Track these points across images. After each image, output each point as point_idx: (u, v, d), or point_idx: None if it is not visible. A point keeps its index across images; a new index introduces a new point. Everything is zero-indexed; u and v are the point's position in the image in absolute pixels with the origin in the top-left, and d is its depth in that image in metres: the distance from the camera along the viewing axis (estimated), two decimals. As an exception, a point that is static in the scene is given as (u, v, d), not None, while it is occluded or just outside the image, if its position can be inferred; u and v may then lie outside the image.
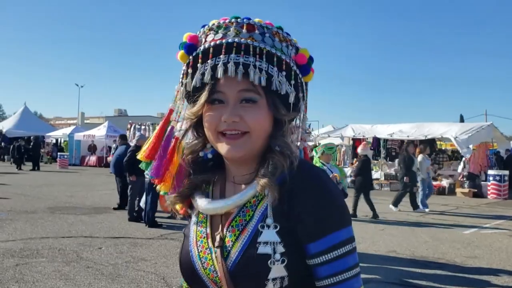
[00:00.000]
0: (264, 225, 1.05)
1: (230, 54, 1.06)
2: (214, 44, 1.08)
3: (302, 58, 1.14)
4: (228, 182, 1.19)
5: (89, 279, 5.52)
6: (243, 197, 1.10)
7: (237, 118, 1.06)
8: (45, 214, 10.15)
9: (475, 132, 17.88)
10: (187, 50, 1.12)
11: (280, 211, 1.06)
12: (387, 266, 6.53)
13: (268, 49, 1.08)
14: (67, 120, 58.20)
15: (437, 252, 7.59)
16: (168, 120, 1.22)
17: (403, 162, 12.54)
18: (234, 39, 1.07)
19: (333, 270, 1.04)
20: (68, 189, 15.61)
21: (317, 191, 1.06)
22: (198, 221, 1.19)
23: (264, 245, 1.03)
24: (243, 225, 1.09)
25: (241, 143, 1.08)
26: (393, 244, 8.02)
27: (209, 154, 1.20)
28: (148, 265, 6.19)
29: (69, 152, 30.72)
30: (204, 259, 1.12)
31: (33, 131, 32.79)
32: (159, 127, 1.24)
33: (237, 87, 1.07)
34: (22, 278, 5.45)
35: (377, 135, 20.46)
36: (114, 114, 67.86)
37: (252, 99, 1.08)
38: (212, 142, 1.14)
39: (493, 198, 16.44)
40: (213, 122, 1.09)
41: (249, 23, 1.10)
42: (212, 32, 1.11)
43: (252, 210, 1.10)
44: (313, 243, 1.04)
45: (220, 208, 1.12)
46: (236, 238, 1.08)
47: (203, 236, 1.16)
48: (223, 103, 1.09)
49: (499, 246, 8.25)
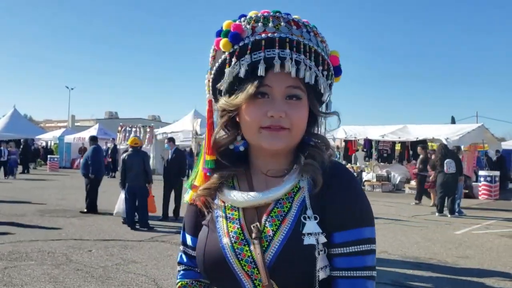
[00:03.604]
0: (306, 217, 1.07)
1: (284, 49, 1.06)
2: (266, 36, 1.07)
3: (335, 60, 1.18)
4: (256, 175, 1.18)
5: (79, 281, 5.46)
6: (284, 189, 1.11)
7: (283, 114, 1.07)
8: (34, 217, 10.05)
9: (466, 133, 18.00)
10: (232, 38, 1.09)
11: (316, 203, 1.08)
12: (379, 267, 6.53)
13: (316, 48, 1.10)
14: (57, 122, 57.91)
15: (429, 252, 7.61)
16: (211, 110, 1.21)
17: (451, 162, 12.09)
18: (287, 35, 1.07)
19: (351, 264, 1.06)
20: (58, 191, 15.48)
21: (349, 186, 1.11)
22: (227, 214, 1.16)
23: (308, 236, 1.05)
24: (282, 216, 1.09)
25: (282, 136, 1.08)
26: (384, 245, 8.02)
27: (241, 147, 1.18)
28: (138, 268, 6.13)
29: (59, 155, 30.50)
30: (240, 250, 1.09)
31: (22, 134, 32.49)
32: (208, 123, 1.21)
33: (285, 82, 1.08)
34: (10, 281, 5.37)
35: (368, 137, 20.51)
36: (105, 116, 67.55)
37: (298, 95, 1.09)
38: (250, 136, 1.13)
39: (484, 198, 16.54)
40: (257, 117, 1.08)
41: (293, 19, 1.11)
42: (259, 24, 1.09)
43: (289, 202, 1.11)
44: (338, 233, 1.07)
45: (259, 200, 1.11)
46: (277, 229, 1.08)
47: (237, 226, 1.12)
48: (266, 97, 1.08)
49: (490, 246, 8.30)
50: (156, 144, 23.43)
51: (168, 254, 6.93)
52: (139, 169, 9.26)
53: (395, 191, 19.03)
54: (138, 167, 9.26)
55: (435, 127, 20.01)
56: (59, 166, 28.58)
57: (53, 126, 53.68)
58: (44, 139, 35.31)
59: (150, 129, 24.25)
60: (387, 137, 19.80)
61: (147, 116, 72.14)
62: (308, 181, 1.10)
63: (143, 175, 9.30)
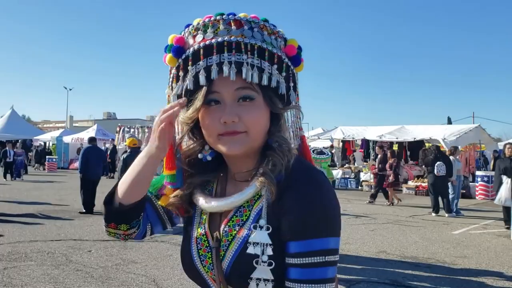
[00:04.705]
0: (257, 226, 1.05)
1: (222, 54, 1.04)
2: (204, 44, 1.05)
3: (292, 49, 1.13)
4: (229, 179, 1.19)
5: (79, 282, 5.47)
6: (242, 197, 1.09)
7: (236, 118, 1.04)
8: (33, 217, 10.05)
9: (463, 134, 18.06)
10: (175, 53, 1.09)
11: (272, 211, 1.05)
12: (378, 267, 6.56)
13: (259, 44, 1.06)
14: (55, 123, 57.80)
15: (427, 252, 7.64)
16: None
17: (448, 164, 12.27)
18: (224, 38, 1.04)
19: (305, 276, 1.01)
20: (56, 192, 15.47)
21: (312, 194, 1.04)
22: (200, 219, 1.19)
23: (254, 245, 1.03)
24: (239, 225, 1.09)
25: (239, 140, 1.06)
26: (383, 245, 8.05)
27: (208, 157, 1.17)
28: (138, 268, 6.15)
29: (57, 155, 30.44)
30: (204, 257, 1.13)
31: (20, 134, 32.42)
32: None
33: (233, 86, 1.05)
34: (10, 282, 5.38)
35: (366, 137, 20.55)
36: (103, 117, 67.51)
37: (250, 96, 1.06)
38: (212, 144, 1.12)
39: (481, 199, 16.58)
40: (213, 125, 1.07)
41: (235, 19, 1.08)
42: (199, 32, 1.08)
43: (249, 210, 1.09)
44: (294, 242, 1.02)
45: (218, 207, 1.12)
46: (232, 239, 1.08)
47: (203, 233, 1.15)
48: (219, 103, 1.07)
49: (487, 246, 8.34)
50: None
51: (168, 254, 6.95)
52: None
53: (393, 191, 19.06)
54: None
55: (433, 128, 20.08)
56: (57, 166, 28.50)
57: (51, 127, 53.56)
58: (42, 139, 35.25)
59: (148, 130, 24.19)
60: (384, 137, 19.84)
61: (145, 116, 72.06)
62: (268, 188, 1.06)
63: None
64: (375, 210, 12.94)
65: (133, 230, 1.20)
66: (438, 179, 12.13)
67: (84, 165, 11.34)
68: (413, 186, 18.50)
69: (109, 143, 26.37)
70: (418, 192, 17.98)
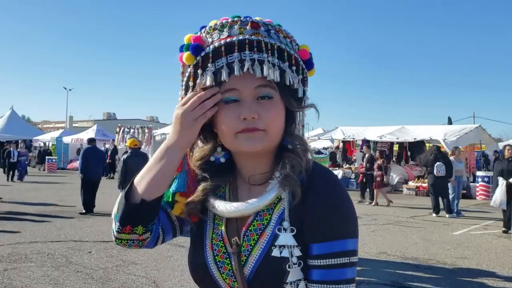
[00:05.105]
0: (281, 228, 1.04)
1: (243, 52, 1.04)
2: (225, 42, 1.06)
3: (305, 54, 1.15)
4: (241, 182, 1.17)
5: (79, 283, 5.46)
6: (264, 201, 1.07)
7: (256, 115, 1.04)
8: (33, 218, 10.03)
9: (464, 134, 18.05)
10: (194, 51, 1.08)
11: (295, 214, 1.05)
12: (378, 268, 6.55)
13: (278, 44, 1.08)
14: (55, 123, 57.79)
15: (428, 253, 7.64)
16: None
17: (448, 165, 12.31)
18: (245, 37, 1.06)
19: (328, 277, 1.02)
20: (56, 193, 15.46)
21: (332, 196, 1.06)
22: (214, 224, 1.16)
23: (281, 248, 1.03)
24: (261, 229, 1.07)
25: (259, 137, 1.05)
26: (383, 246, 8.04)
27: (221, 159, 1.15)
28: (138, 269, 6.14)
29: (57, 156, 30.43)
30: (221, 264, 1.10)
31: (20, 135, 32.41)
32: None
33: (253, 83, 1.05)
34: (10, 283, 5.37)
35: (367, 138, 20.54)
36: (103, 117, 67.50)
37: (269, 95, 1.07)
38: (228, 143, 1.10)
39: (482, 199, 16.56)
40: (231, 122, 1.06)
41: (253, 21, 1.09)
42: (216, 31, 1.09)
43: (269, 214, 1.08)
44: (317, 244, 1.03)
45: (239, 212, 1.09)
46: (255, 243, 1.07)
47: (219, 239, 1.12)
48: (237, 101, 1.06)
49: (488, 246, 8.33)
50: (154, 145, 23.39)
51: (168, 255, 6.94)
52: (140, 170, 9.26)
53: (393, 192, 19.04)
54: (139, 169, 9.23)
55: (433, 128, 20.07)
56: (57, 167, 28.47)
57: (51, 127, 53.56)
58: (42, 140, 35.25)
59: (148, 130, 24.24)
60: (385, 137, 19.85)
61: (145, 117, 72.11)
62: (289, 191, 1.06)
63: None
64: (376, 210, 12.93)
65: (148, 235, 1.16)
66: (438, 180, 12.14)
67: (84, 165, 11.34)
68: (414, 186, 18.49)
69: (109, 144, 26.35)
70: (418, 192, 17.96)
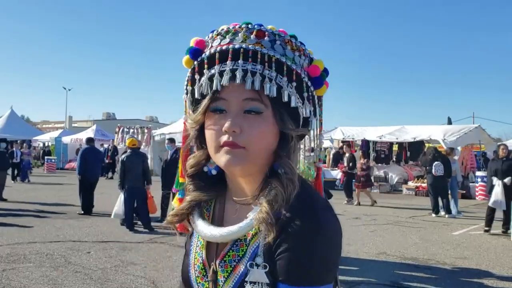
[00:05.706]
0: (254, 264, 0.99)
1: (237, 61, 0.99)
2: (220, 49, 1.01)
3: (315, 70, 1.06)
4: (228, 200, 1.12)
5: (78, 283, 5.45)
6: (240, 231, 1.02)
7: (238, 129, 0.97)
8: (32, 218, 10.03)
9: (463, 134, 18.07)
10: (192, 55, 1.05)
11: (269, 249, 0.99)
12: (377, 268, 6.54)
13: (277, 57, 1.00)
14: (54, 123, 57.75)
15: (427, 253, 7.63)
16: (186, 134, 1.14)
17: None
18: (241, 45, 1.00)
19: None
20: (56, 193, 15.45)
21: (307, 237, 0.95)
22: (198, 242, 1.14)
23: (252, 285, 0.98)
24: (236, 261, 1.04)
25: (237, 155, 0.98)
26: (383, 246, 8.04)
27: (213, 170, 1.10)
28: (137, 269, 6.13)
29: (56, 156, 30.42)
30: (201, 286, 1.10)
31: (19, 135, 32.40)
32: (183, 145, 1.17)
33: (242, 95, 0.99)
34: (9, 284, 5.36)
35: (366, 138, 20.55)
36: (102, 117, 67.48)
37: (257, 109, 0.99)
38: (211, 155, 1.05)
39: (481, 199, 16.55)
40: (215, 133, 1.01)
41: (259, 29, 1.02)
42: (219, 37, 1.04)
43: (246, 245, 1.03)
44: (284, 285, 0.96)
45: (214, 238, 1.06)
46: (228, 275, 1.04)
47: (200, 261, 1.11)
48: (224, 112, 1.01)
49: (487, 247, 8.33)
50: (154, 145, 23.41)
51: (167, 255, 6.93)
52: (138, 170, 9.29)
53: (392, 192, 19.07)
54: (138, 168, 9.29)
55: (432, 128, 20.09)
56: (56, 167, 28.46)
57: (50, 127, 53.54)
58: (41, 140, 35.24)
59: (147, 130, 24.24)
60: (384, 138, 19.87)
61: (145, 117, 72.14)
62: (266, 228, 0.98)
63: (142, 176, 9.33)
64: (375, 211, 12.93)
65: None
66: (436, 179, 12.13)
67: (82, 166, 11.32)
68: (413, 186, 18.50)
69: (109, 144, 26.33)
70: (418, 192, 17.97)
